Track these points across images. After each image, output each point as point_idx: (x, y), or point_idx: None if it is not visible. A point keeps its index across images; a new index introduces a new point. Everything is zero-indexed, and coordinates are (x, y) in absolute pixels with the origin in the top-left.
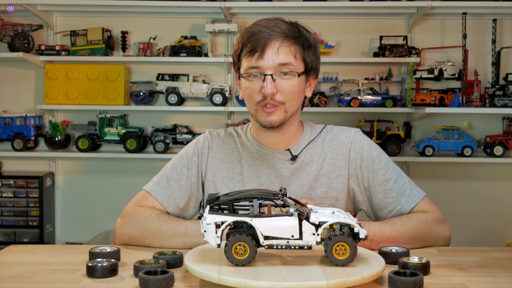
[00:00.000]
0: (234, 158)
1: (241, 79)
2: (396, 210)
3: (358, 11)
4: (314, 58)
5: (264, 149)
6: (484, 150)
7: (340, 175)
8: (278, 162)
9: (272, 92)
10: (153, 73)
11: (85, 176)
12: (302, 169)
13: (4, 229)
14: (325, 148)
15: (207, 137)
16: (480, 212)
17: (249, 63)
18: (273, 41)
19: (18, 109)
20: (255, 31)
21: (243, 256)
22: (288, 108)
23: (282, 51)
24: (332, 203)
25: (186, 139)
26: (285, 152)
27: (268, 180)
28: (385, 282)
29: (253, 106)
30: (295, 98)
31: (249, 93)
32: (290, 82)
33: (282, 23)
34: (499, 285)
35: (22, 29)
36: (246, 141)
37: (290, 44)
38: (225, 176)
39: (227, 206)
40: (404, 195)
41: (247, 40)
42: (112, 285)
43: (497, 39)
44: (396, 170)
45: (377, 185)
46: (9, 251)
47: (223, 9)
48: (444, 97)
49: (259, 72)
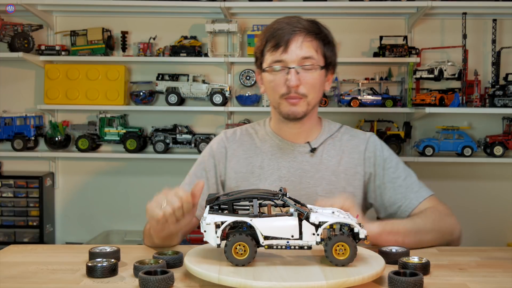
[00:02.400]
0: (252, 153)
1: (263, 74)
2: (405, 206)
3: (358, 11)
4: (332, 54)
5: (284, 143)
6: (484, 150)
7: (357, 172)
8: (298, 155)
9: (296, 84)
10: (153, 73)
11: (85, 176)
12: (322, 163)
13: (4, 229)
14: (343, 147)
15: (222, 138)
16: (480, 212)
17: (273, 57)
18: (296, 36)
19: (18, 109)
20: (278, 27)
21: (243, 256)
22: (310, 101)
23: (305, 46)
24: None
25: (186, 139)
26: (304, 145)
27: (288, 173)
28: (385, 282)
29: (276, 98)
30: (316, 91)
31: (273, 86)
32: (313, 75)
33: (303, 20)
34: (499, 285)
35: (22, 29)
36: (265, 136)
37: (312, 39)
38: (245, 171)
39: (227, 206)
40: (412, 191)
41: (271, 36)
42: (112, 285)
43: (497, 39)
44: (406, 170)
45: (387, 182)
46: (9, 251)
47: (223, 9)
48: (444, 97)
49: (283, 66)
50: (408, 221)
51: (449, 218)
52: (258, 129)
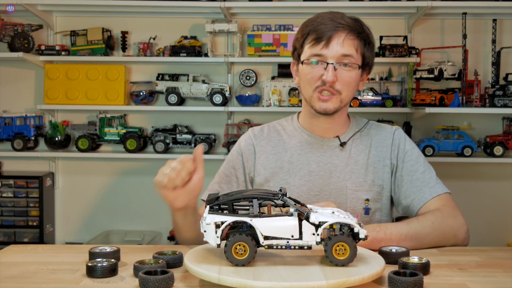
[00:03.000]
0: (281, 148)
1: (300, 66)
2: (418, 199)
3: (358, 11)
4: (371, 55)
5: (313, 137)
6: (484, 150)
7: (385, 165)
8: (327, 149)
9: (332, 80)
10: (153, 73)
11: (85, 176)
12: (351, 157)
13: (4, 229)
14: (371, 141)
15: (249, 136)
16: (480, 212)
17: (312, 51)
18: (339, 33)
19: (18, 109)
20: (322, 21)
21: (243, 256)
22: (343, 98)
23: (346, 43)
24: (379, 191)
25: (186, 139)
26: (334, 139)
27: (318, 167)
28: (385, 282)
29: (310, 92)
30: (351, 89)
31: (309, 79)
32: (350, 74)
33: (346, 17)
34: (499, 285)
35: (22, 29)
36: (293, 131)
37: (354, 38)
38: (274, 166)
39: (227, 206)
40: (428, 186)
41: (313, 29)
42: (112, 285)
43: (497, 39)
44: (425, 164)
45: (405, 174)
46: (9, 251)
47: (223, 9)
48: (444, 97)
49: (322, 60)
50: (404, 225)
51: (453, 219)
52: (285, 125)
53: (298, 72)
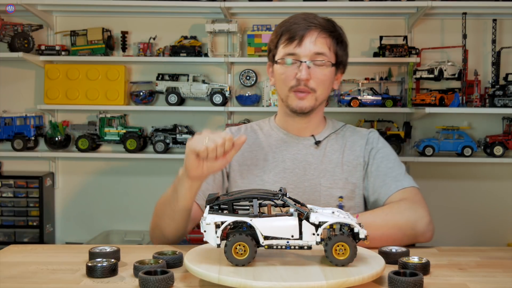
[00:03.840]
0: (256, 146)
1: (275, 66)
2: (384, 193)
3: (358, 11)
4: (344, 54)
5: (289, 136)
6: (484, 150)
7: (359, 163)
8: (303, 148)
9: (306, 78)
10: (153, 73)
11: (85, 176)
12: (325, 156)
13: (4, 229)
14: (346, 142)
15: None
16: (480, 212)
17: (286, 50)
18: (311, 32)
19: (18, 109)
20: (295, 21)
21: (243, 256)
22: (318, 96)
23: (318, 42)
24: (352, 189)
25: (186, 139)
26: (309, 138)
27: (292, 164)
28: (385, 282)
29: (285, 91)
30: (325, 87)
31: (283, 78)
32: (323, 71)
33: (319, 17)
34: (499, 285)
35: (22, 29)
36: (270, 131)
37: (326, 36)
38: (249, 164)
39: (227, 206)
40: (394, 179)
41: (286, 30)
42: (112, 285)
43: (497, 39)
44: (396, 161)
45: (374, 170)
46: (9, 251)
47: (223, 9)
48: (444, 97)
49: (296, 59)
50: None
51: (411, 211)
52: (262, 126)
53: (273, 73)
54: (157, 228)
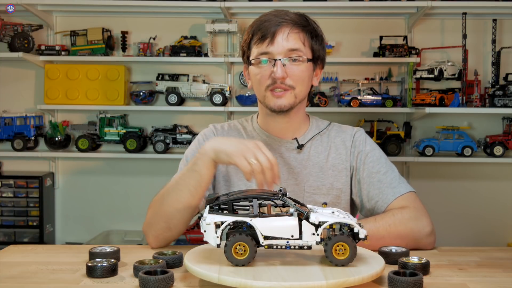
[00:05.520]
0: None
1: (250, 67)
2: (381, 201)
3: (358, 11)
4: (321, 48)
5: (272, 138)
6: (484, 150)
7: (345, 168)
8: (285, 151)
9: (282, 76)
10: (153, 73)
11: (85, 176)
12: (309, 160)
13: (4, 229)
14: (330, 143)
15: (211, 130)
16: (480, 212)
17: (259, 50)
18: (283, 28)
19: (18, 109)
20: (265, 19)
21: (243, 256)
22: (297, 93)
23: (291, 37)
24: (338, 194)
25: (186, 139)
26: (292, 141)
27: None
28: (385, 282)
29: (262, 91)
30: (304, 84)
31: (259, 79)
32: (300, 68)
33: (290, 13)
34: (499, 285)
35: (22, 29)
36: (252, 132)
37: (299, 31)
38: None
39: (227, 206)
40: (390, 186)
41: (257, 28)
42: (112, 285)
43: (497, 39)
44: (388, 165)
45: (366, 176)
46: (9, 251)
47: (223, 9)
48: (444, 97)
49: (269, 58)
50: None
51: (413, 222)
52: (246, 125)
53: (249, 75)
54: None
